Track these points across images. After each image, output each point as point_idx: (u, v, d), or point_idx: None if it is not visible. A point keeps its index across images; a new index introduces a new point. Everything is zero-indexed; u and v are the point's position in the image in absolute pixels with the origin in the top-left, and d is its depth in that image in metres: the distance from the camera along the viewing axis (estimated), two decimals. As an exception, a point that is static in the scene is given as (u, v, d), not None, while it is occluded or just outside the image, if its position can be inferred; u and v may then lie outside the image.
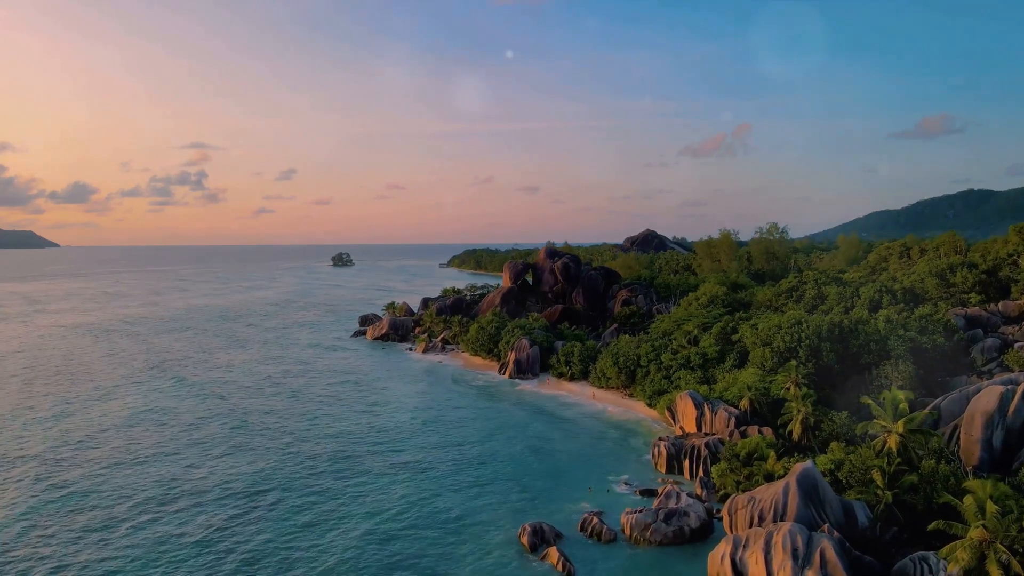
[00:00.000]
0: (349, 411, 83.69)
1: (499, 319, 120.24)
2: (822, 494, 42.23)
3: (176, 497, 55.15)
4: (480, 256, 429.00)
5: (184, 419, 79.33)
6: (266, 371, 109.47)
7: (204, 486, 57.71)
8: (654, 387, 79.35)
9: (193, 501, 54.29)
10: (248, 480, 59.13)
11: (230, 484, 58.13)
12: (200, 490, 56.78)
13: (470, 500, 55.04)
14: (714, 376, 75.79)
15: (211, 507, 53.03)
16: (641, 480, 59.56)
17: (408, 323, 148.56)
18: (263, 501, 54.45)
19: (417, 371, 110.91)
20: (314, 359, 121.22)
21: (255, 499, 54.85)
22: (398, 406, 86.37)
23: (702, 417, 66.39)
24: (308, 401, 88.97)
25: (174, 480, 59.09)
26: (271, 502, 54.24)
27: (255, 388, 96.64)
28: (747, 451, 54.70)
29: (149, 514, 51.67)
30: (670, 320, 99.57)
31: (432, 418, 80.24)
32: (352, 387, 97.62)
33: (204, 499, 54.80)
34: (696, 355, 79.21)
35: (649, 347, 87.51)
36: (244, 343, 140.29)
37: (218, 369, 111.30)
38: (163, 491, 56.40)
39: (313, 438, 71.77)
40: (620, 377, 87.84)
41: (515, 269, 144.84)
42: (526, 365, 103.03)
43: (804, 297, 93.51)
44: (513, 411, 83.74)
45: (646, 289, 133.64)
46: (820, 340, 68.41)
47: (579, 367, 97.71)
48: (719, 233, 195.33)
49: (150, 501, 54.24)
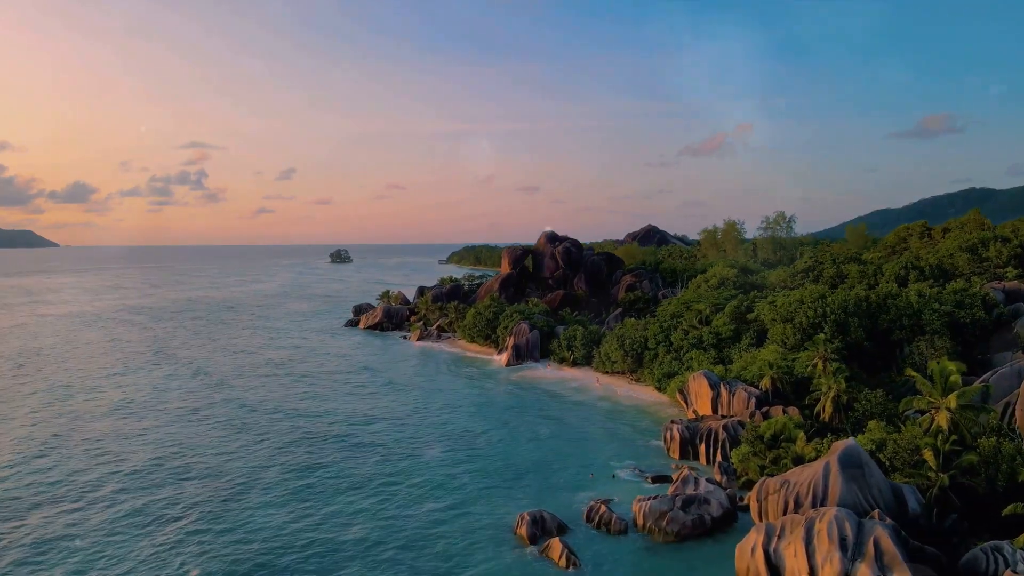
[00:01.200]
0: (332, 399, 77.78)
1: (497, 304, 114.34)
2: (868, 475, 36.31)
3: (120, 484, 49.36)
4: (480, 252, 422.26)
5: (152, 405, 73.48)
6: (248, 361, 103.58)
7: (162, 477, 51.87)
8: (664, 369, 73.45)
9: (155, 485, 48.49)
10: (222, 471, 53.29)
11: (198, 472, 52.29)
12: (157, 481, 50.93)
13: (462, 489, 49.12)
14: (729, 356, 69.86)
15: (185, 491, 47.21)
16: (653, 466, 53.65)
17: (403, 311, 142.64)
18: (234, 494, 48.60)
19: (410, 358, 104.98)
20: (300, 348, 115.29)
21: (226, 490, 49.01)
22: (386, 394, 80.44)
23: (718, 398, 60.48)
24: (287, 392, 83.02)
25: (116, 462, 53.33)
26: (243, 498, 48.38)
27: (234, 378, 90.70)
28: (772, 433, 48.80)
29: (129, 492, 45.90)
30: (678, 302, 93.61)
31: (422, 405, 74.34)
32: (336, 376, 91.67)
33: (167, 488, 48.97)
34: (709, 335, 73.23)
35: (657, 328, 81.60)
36: (231, 333, 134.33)
37: (194, 361, 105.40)
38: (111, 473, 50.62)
39: (290, 430, 65.86)
40: (626, 361, 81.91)
41: (514, 255, 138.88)
42: (526, 350, 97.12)
43: (823, 276, 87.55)
44: (511, 397, 77.83)
45: (651, 274, 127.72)
46: (847, 315, 62.50)
47: (582, 352, 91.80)
48: (724, 224, 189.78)
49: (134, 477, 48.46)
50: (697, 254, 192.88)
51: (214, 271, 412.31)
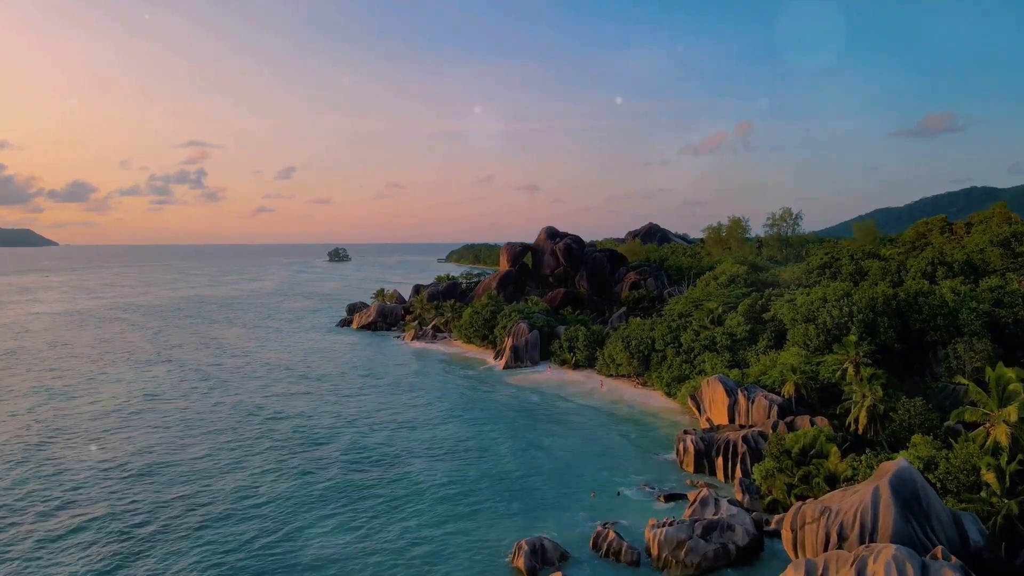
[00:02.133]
0: (314, 403, 72.38)
1: (495, 303, 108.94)
2: (926, 503, 30.92)
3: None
4: (479, 251, 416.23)
5: (124, 410, 68.11)
6: (232, 362, 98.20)
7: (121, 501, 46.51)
8: (673, 373, 68.07)
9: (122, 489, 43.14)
10: (184, 476, 47.93)
11: (158, 478, 46.96)
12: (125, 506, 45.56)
13: (454, 510, 43.75)
14: (745, 359, 64.44)
15: (139, 500, 41.88)
16: (665, 482, 48.31)
17: (397, 310, 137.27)
18: (188, 508, 43.24)
19: (402, 360, 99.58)
20: (289, 349, 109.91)
21: (180, 504, 43.65)
22: (373, 398, 75.06)
23: (735, 406, 55.08)
24: (268, 395, 77.62)
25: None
26: (201, 511, 43.01)
27: (215, 380, 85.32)
28: (801, 446, 43.43)
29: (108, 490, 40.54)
30: (686, 300, 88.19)
31: (412, 410, 68.96)
32: (322, 378, 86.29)
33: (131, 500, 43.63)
34: (723, 336, 67.80)
35: (665, 328, 76.23)
36: (219, 333, 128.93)
37: (176, 362, 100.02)
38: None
39: (263, 436, 60.48)
40: (632, 363, 76.54)
41: (513, 251, 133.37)
42: (524, 352, 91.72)
43: (841, 273, 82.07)
44: (508, 403, 72.47)
45: (656, 272, 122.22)
46: (875, 315, 57.09)
47: (584, 353, 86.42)
48: (729, 220, 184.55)
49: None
50: (701, 252, 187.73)
51: (211, 270, 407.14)
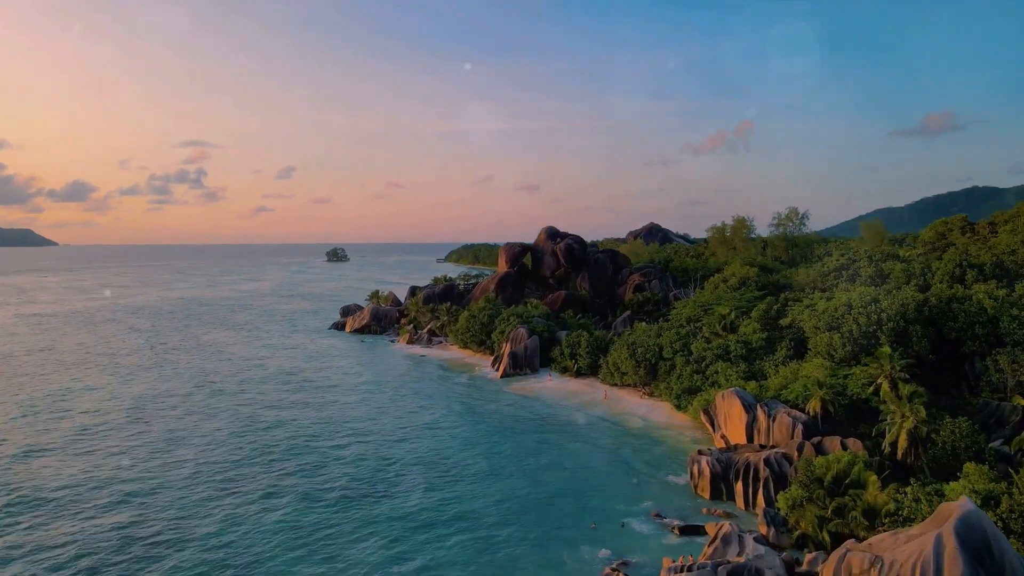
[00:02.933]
0: (297, 413, 67.40)
1: (493, 306, 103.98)
2: (999, 555, 25.90)
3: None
4: (478, 251, 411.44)
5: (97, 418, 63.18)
6: (216, 367, 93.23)
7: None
8: (683, 384, 63.09)
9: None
10: (143, 494, 43.00)
11: (126, 489, 42.03)
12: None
13: (438, 542, 38.83)
14: (762, 370, 59.43)
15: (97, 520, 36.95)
16: (678, 510, 43.36)
17: (392, 313, 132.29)
18: (172, 539, 38.32)
19: (395, 366, 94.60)
20: (277, 354, 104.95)
21: (132, 523, 38.72)
22: (360, 409, 70.08)
23: (755, 423, 50.12)
24: (248, 404, 72.64)
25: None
26: (148, 537, 38.08)
27: (193, 386, 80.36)
28: (833, 474, 38.44)
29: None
30: (694, 304, 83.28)
31: (400, 424, 63.95)
32: (308, 385, 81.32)
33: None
34: (737, 344, 62.79)
35: (673, 335, 71.27)
36: (208, 335, 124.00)
37: (156, 367, 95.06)
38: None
39: (240, 449, 55.51)
40: (638, 372, 71.59)
41: (512, 252, 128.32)
42: (523, 359, 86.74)
43: (860, 276, 77.09)
44: (504, 416, 67.49)
45: (661, 273, 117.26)
46: (906, 322, 52.12)
47: (587, 360, 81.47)
48: (733, 220, 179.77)
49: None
50: (705, 252, 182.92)
51: (209, 270, 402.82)
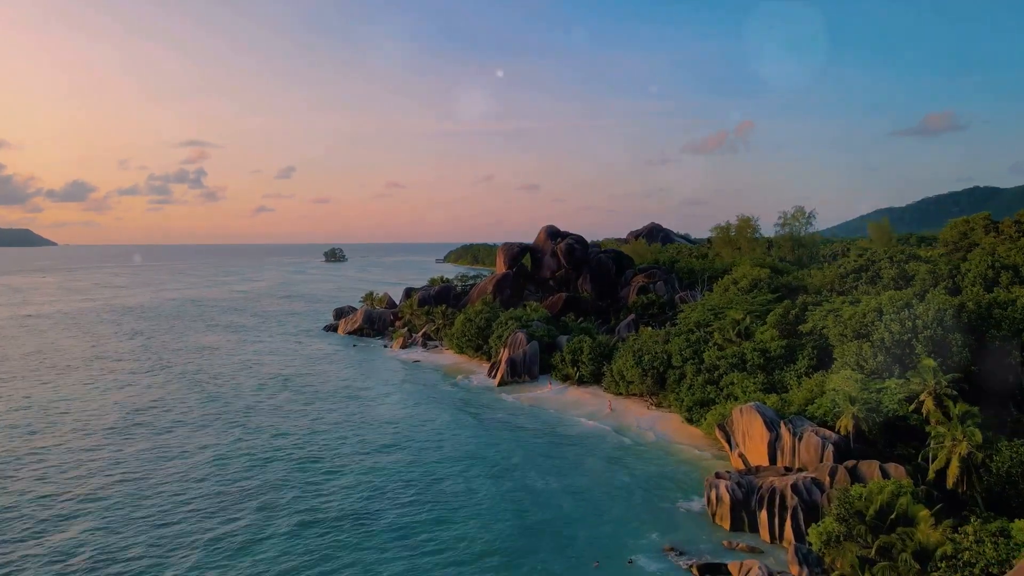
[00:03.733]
0: (274, 424, 62.33)
1: (490, 309, 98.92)
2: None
3: None
4: (477, 251, 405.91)
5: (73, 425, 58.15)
6: (197, 371, 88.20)
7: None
8: (694, 396, 58.01)
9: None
10: (95, 514, 37.98)
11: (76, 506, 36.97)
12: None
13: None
14: (783, 381, 54.31)
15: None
16: (693, 543, 38.34)
17: (386, 316, 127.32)
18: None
19: (386, 373, 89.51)
20: (264, 359, 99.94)
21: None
22: (342, 420, 65.00)
23: (777, 443, 45.06)
24: (224, 415, 67.60)
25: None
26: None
27: (167, 392, 75.34)
28: (877, 507, 33.38)
29: None
30: (703, 308, 78.23)
31: (385, 438, 58.84)
32: (291, 393, 76.26)
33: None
34: (754, 352, 57.65)
35: (683, 341, 66.21)
36: (194, 337, 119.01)
37: (132, 371, 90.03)
38: None
39: (219, 481, 50.48)
40: (645, 381, 66.53)
41: (511, 252, 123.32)
42: (522, 365, 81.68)
43: (881, 277, 72.08)
44: (500, 429, 62.43)
45: (666, 274, 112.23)
46: (944, 330, 47.07)
47: (589, 367, 76.45)
48: (737, 219, 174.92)
49: None
50: (710, 253, 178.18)
51: (206, 270, 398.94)
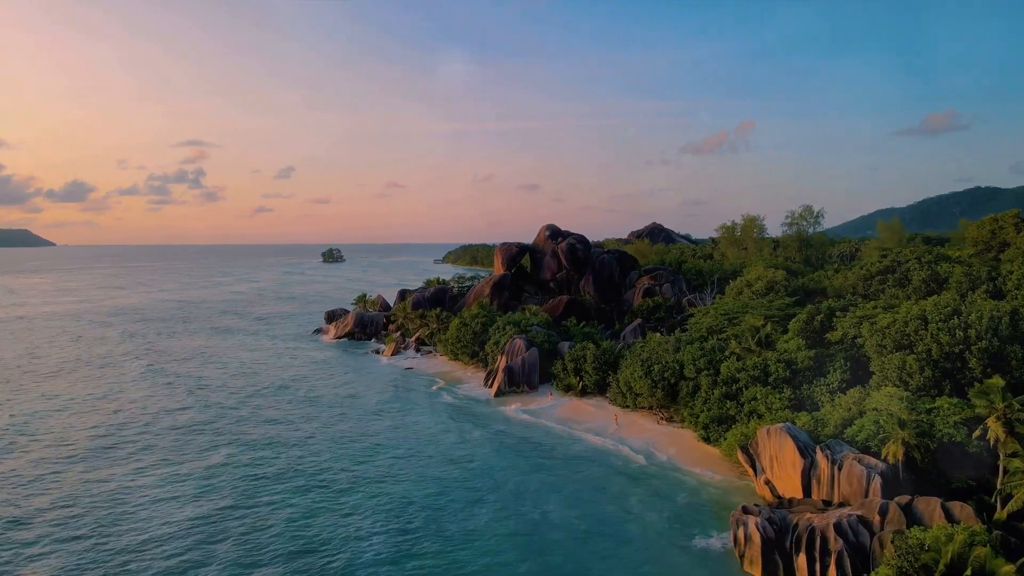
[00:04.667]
0: (247, 438, 56.57)
1: (486, 314, 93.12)
2: None
3: None
4: (476, 252, 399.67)
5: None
6: (175, 377, 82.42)
7: None
8: (712, 412, 52.19)
9: None
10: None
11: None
12: None
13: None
14: (813, 398, 48.47)
15: None
16: (720, 595, 32.61)
17: (378, 319, 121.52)
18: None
19: (375, 381, 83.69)
20: (246, 366, 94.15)
21: None
22: (320, 436, 59.18)
23: (813, 471, 39.28)
24: (197, 436, 61.84)
25: None
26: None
27: (138, 400, 69.55)
28: (947, 560, 27.67)
29: None
30: (715, 313, 72.56)
31: (365, 460, 52.91)
32: (270, 403, 70.49)
33: None
34: (778, 364, 51.82)
35: (696, 350, 60.42)
36: (177, 340, 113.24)
37: (102, 378, 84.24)
38: None
39: (181, 497, 44.70)
40: (655, 394, 60.74)
41: (509, 253, 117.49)
42: (521, 374, 75.92)
43: (910, 280, 66.42)
44: (495, 447, 56.64)
45: (674, 276, 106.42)
46: (1001, 341, 41.38)
47: (594, 377, 70.72)
48: (743, 219, 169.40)
49: None
50: (715, 253, 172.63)
51: (202, 271, 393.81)
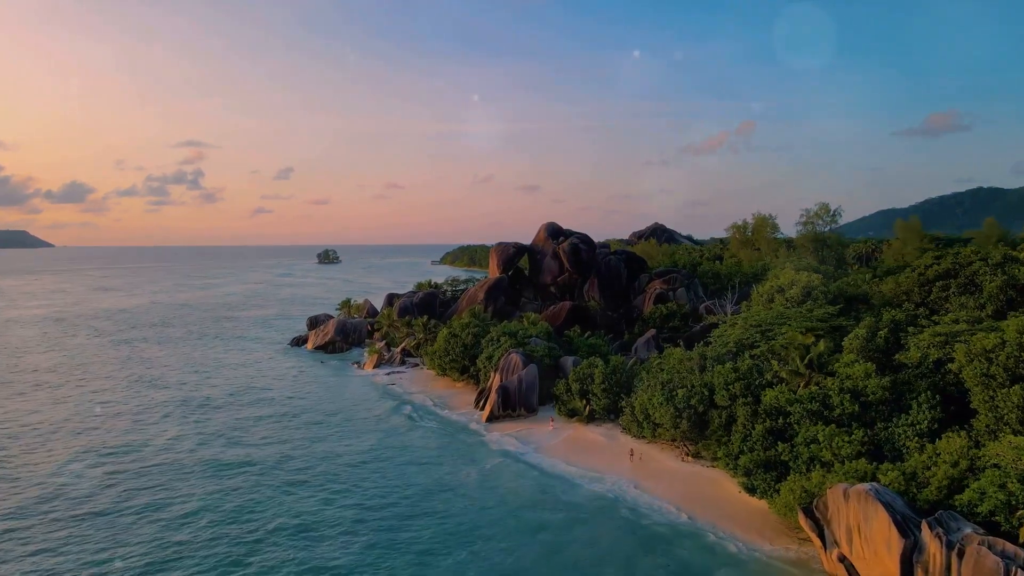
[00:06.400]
0: (187, 486, 45.78)
1: (479, 323, 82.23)
2: None
3: None
4: (474, 252, 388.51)
5: None
6: (115, 403, 71.64)
7: None
8: (756, 455, 41.28)
9: None
10: None
11: None
12: None
13: None
14: (893, 441, 37.48)
15: None
16: None
17: (362, 327, 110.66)
18: None
19: (347, 402, 72.66)
20: (209, 380, 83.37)
21: None
22: (269, 480, 48.43)
23: (919, 556, 28.42)
24: (124, 476, 51.05)
25: None
26: None
27: (70, 422, 58.75)
28: None
29: None
30: (744, 324, 61.69)
31: (317, 515, 42.14)
32: (218, 439, 59.67)
33: None
34: (842, 396, 40.84)
35: (730, 372, 49.50)
36: (142, 349, 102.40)
37: (52, 389, 73.44)
38: None
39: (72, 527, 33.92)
40: (679, 425, 49.86)
41: (505, 254, 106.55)
42: (517, 395, 65.06)
43: (979, 286, 55.62)
44: (479, 495, 45.76)
45: (689, 279, 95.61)
46: None
47: (603, 400, 59.89)
48: (753, 218, 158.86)
49: None
50: (725, 254, 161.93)
51: (195, 272, 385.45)
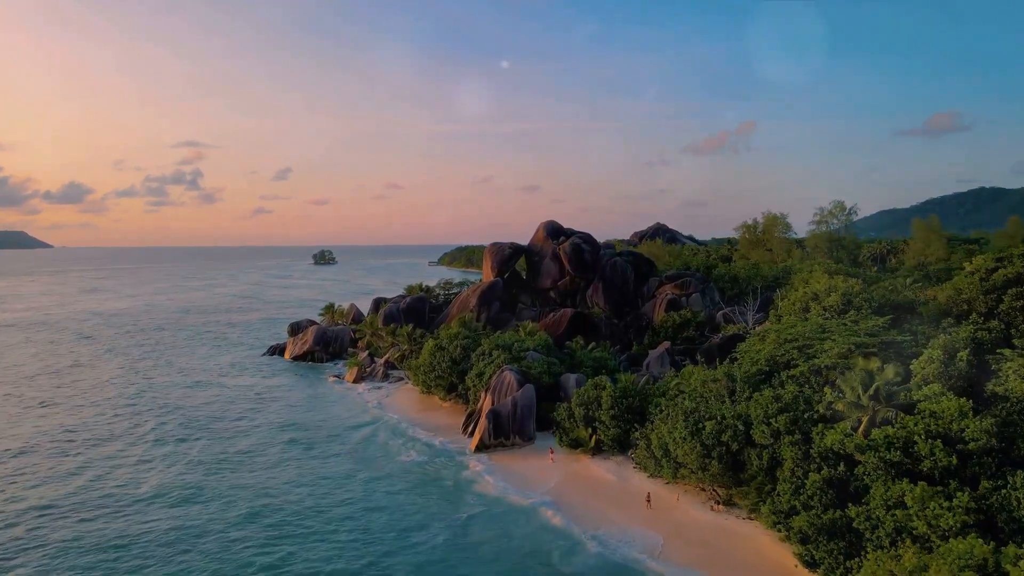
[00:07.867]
0: (117, 528, 36.51)
1: (469, 333, 72.85)
2: None
3: None
4: (472, 253, 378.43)
5: None
6: (46, 423, 62.42)
7: None
8: (814, 517, 31.92)
9: None
10: None
11: None
12: None
13: None
14: (1007, 507, 28.20)
15: None
16: None
17: (344, 335, 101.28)
18: None
19: (318, 423, 63.30)
20: (168, 399, 74.15)
21: None
22: (224, 540, 39.13)
23: None
24: (40, 524, 41.80)
25: None
26: None
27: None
28: None
29: None
30: (777, 337, 52.35)
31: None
32: (136, 461, 50.36)
33: None
34: (932, 443, 31.47)
35: (770, 400, 40.11)
36: (112, 359, 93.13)
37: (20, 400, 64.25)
38: None
39: None
40: (708, 466, 40.49)
41: (501, 255, 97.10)
42: (511, 421, 55.64)
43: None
44: (458, 560, 36.51)
45: (704, 283, 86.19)
46: None
47: (612, 429, 50.48)
48: (763, 217, 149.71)
49: None
50: (734, 255, 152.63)
51: (189, 273, 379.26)
